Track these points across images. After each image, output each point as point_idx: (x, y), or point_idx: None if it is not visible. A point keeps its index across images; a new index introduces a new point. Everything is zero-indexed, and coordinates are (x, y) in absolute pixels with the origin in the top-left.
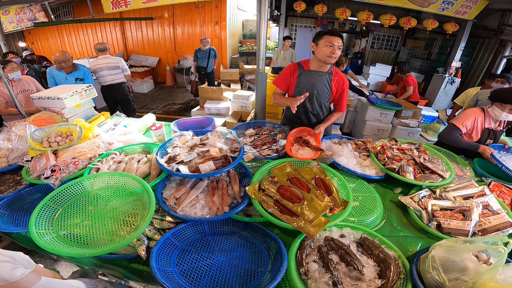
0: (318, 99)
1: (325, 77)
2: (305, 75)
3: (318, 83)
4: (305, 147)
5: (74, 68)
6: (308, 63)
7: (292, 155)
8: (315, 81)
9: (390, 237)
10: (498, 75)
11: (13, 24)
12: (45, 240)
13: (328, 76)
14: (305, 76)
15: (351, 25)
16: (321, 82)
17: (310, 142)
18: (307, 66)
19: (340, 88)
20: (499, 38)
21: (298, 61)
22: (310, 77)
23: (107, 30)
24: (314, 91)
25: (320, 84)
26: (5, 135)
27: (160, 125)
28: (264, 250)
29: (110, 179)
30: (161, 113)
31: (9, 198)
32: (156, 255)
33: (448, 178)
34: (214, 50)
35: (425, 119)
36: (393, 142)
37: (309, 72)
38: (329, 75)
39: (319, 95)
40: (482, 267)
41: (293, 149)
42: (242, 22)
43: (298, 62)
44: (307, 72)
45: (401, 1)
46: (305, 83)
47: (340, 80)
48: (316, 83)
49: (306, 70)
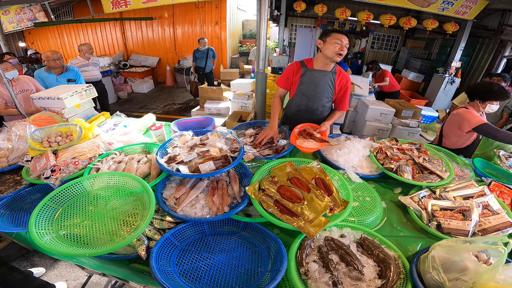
0: (321, 98)
1: (329, 76)
2: (309, 74)
3: (322, 82)
4: (309, 139)
5: (64, 69)
6: (311, 62)
7: (298, 146)
8: (318, 80)
9: (390, 237)
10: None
11: (13, 24)
12: (45, 240)
13: (332, 75)
14: (308, 75)
15: (351, 25)
16: (324, 81)
17: (314, 134)
18: (311, 65)
19: (344, 87)
20: (499, 38)
21: (301, 60)
22: (313, 76)
23: (107, 30)
24: (316, 90)
25: (324, 83)
26: (5, 135)
27: (160, 125)
28: (264, 250)
29: (110, 179)
30: (161, 113)
31: (9, 198)
32: (156, 255)
33: (447, 178)
34: (212, 50)
35: (425, 119)
36: (394, 142)
37: (313, 71)
38: (332, 74)
39: (321, 94)
40: (482, 267)
41: (298, 142)
42: (242, 22)
43: (301, 61)
44: (311, 71)
45: (401, 1)
46: (308, 82)
47: (343, 79)
48: (319, 82)
49: (310, 69)
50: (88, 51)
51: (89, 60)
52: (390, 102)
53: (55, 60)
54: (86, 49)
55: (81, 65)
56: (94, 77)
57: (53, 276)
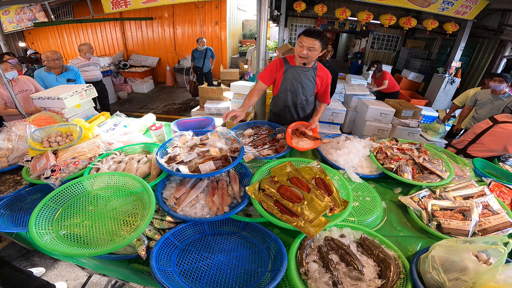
0: (304, 93)
1: (310, 72)
2: (291, 70)
3: (304, 78)
4: (303, 138)
5: (64, 69)
6: (294, 58)
7: (295, 146)
8: (301, 75)
9: (390, 237)
10: (497, 74)
11: (13, 24)
12: (45, 240)
13: (313, 71)
14: (291, 71)
15: (351, 25)
16: (306, 77)
17: (307, 133)
18: (293, 61)
19: (325, 82)
20: (499, 38)
21: (284, 57)
22: (296, 72)
23: (107, 30)
24: (299, 86)
25: (306, 79)
26: (5, 135)
27: (160, 125)
28: (264, 250)
29: (110, 179)
30: (161, 113)
31: (9, 198)
32: (156, 255)
33: (447, 178)
34: (211, 50)
35: (425, 119)
36: (394, 142)
37: (295, 67)
38: (313, 70)
39: (304, 89)
40: (482, 267)
41: (293, 142)
42: (242, 22)
43: (284, 58)
44: (293, 68)
45: (401, 1)
46: (291, 78)
47: (324, 75)
48: (301, 78)
49: (292, 65)
50: (88, 51)
51: (89, 60)
52: (390, 102)
53: (55, 60)
54: (86, 49)
55: (82, 65)
56: (95, 77)
57: (53, 276)
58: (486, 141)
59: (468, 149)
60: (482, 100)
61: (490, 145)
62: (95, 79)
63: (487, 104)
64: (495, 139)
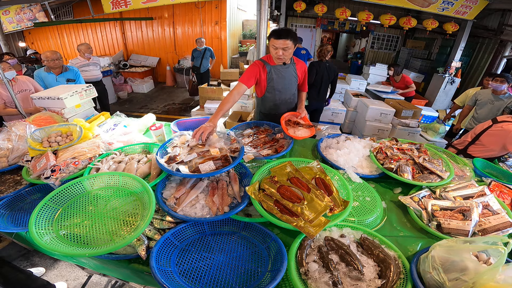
0: (290, 89)
1: (290, 69)
2: (274, 70)
3: (287, 75)
4: (297, 127)
5: (63, 69)
6: (271, 58)
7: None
8: (284, 73)
9: (390, 237)
10: (497, 74)
11: (13, 24)
12: (45, 240)
13: (293, 66)
14: (274, 71)
15: (351, 25)
16: (289, 73)
17: (300, 122)
18: (272, 61)
19: (304, 73)
20: (499, 38)
21: (260, 58)
22: (278, 71)
23: (107, 30)
24: (285, 83)
25: (289, 75)
26: (5, 135)
27: (160, 125)
28: (264, 250)
29: (110, 179)
30: (161, 113)
31: (9, 198)
32: (156, 255)
33: (447, 178)
34: (210, 50)
35: (425, 119)
36: (394, 142)
37: (276, 66)
38: (293, 66)
39: (289, 85)
40: (482, 267)
41: (290, 132)
42: (242, 22)
43: (261, 59)
44: (275, 67)
45: (401, 1)
46: (277, 77)
47: (301, 66)
48: (285, 75)
49: (272, 65)
50: (86, 51)
51: (89, 60)
52: (390, 102)
53: (55, 60)
54: (84, 48)
55: (82, 65)
56: (95, 77)
57: (53, 276)
58: (485, 141)
59: (469, 149)
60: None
61: (490, 145)
62: (95, 79)
63: (487, 104)
64: (494, 138)
